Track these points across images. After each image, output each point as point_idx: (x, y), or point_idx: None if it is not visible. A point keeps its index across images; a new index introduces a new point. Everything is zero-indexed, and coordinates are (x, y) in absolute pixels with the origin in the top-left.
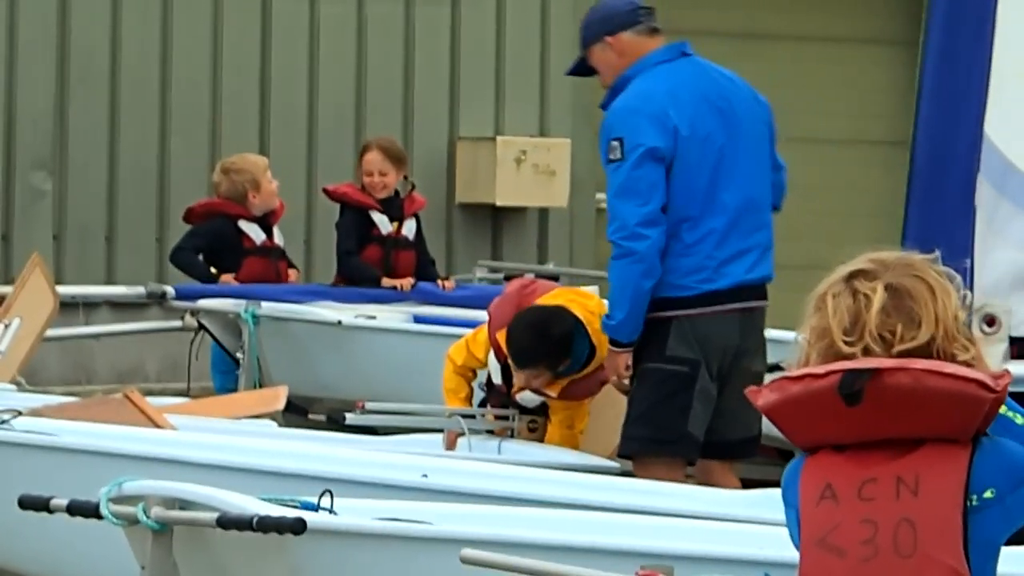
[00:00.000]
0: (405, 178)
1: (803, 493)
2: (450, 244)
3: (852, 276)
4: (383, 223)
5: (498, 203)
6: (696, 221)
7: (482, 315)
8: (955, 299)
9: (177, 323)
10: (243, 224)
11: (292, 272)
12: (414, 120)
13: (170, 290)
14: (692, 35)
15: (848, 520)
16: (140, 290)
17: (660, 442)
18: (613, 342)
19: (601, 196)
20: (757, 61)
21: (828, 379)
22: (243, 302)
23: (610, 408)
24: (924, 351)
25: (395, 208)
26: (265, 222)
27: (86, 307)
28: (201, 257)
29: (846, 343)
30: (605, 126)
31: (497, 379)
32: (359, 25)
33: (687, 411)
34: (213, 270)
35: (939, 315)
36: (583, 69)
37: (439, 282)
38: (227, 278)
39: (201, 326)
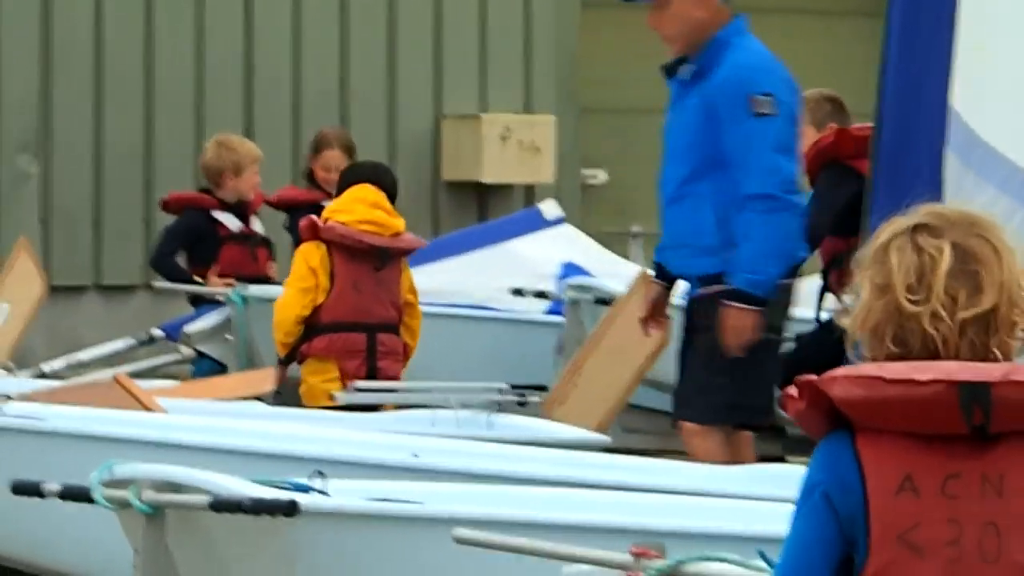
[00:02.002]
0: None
1: (872, 480)
2: (436, 222)
3: (915, 230)
4: None
5: (484, 180)
6: None
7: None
8: (1018, 261)
9: (175, 356)
10: (216, 214)
11: (270, 264)
12: (398, 99)
13: (158, 333)
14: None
15: (932, 518)
16: (131, 341)
17: (747, 410)
18: (749, 299)
19: (587, 172)
20: None
21: (934, 388)
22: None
23: (600, 381)
24: (985, 319)
25: None
26: (242, 211)
27: (73, 292)
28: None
29: (911, 301)
30: (742, 79)
31: None
32: (342, 4)
33: (773, 381)
34: (198, 278)
35: (1004, 280)
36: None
37: None
38: (214, 280)
39: (200, 353)
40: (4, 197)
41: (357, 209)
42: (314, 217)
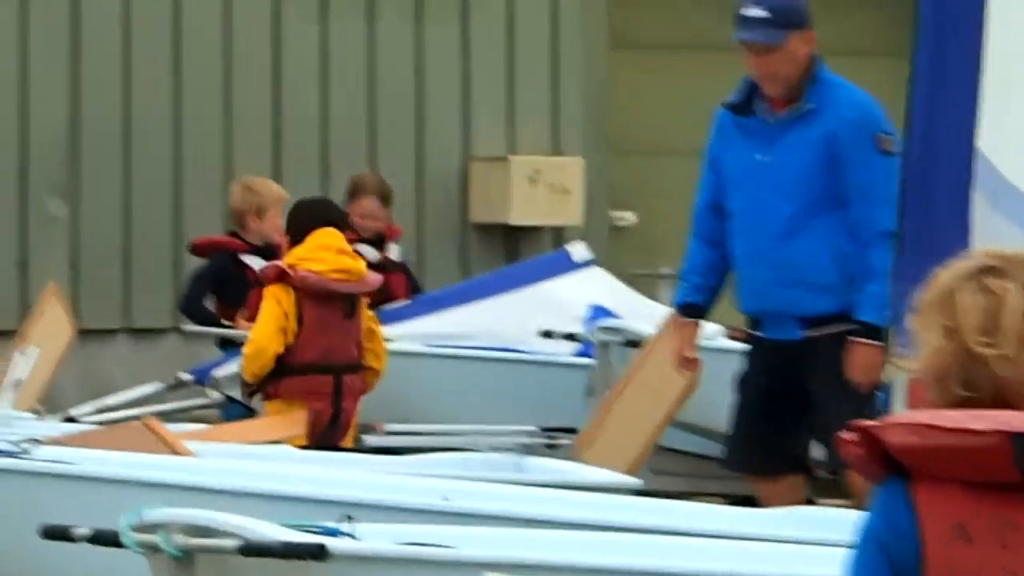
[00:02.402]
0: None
1: (927, 528)
2: (465, 265)
3: (981, 272)
4: (368, 252)
5: (512, 222)
6: None
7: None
8: None
9: (204, 400)
10: (244, 257)
11: None
12: (426, 141)
13: (187, 377)
14: (693, 48)
15: (986, 566)
16: (160, 385)
17: None
18: (878, 335)
19: (616, 213)
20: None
21: (990, 439)
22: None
23: (630, 423)
24: None
25: (374, 239)
26: (269, 254)
27: (102, 336)
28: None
29: (981, 344)
30: (866, 117)
31: None
32: (369, 45)
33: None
34: (226, 321)
35: None
36: (762, 42)
37: None
38: (243, 324)
39: (229, 398)
40: (33, 240)
41: (326, 258)
42: (281, 264)
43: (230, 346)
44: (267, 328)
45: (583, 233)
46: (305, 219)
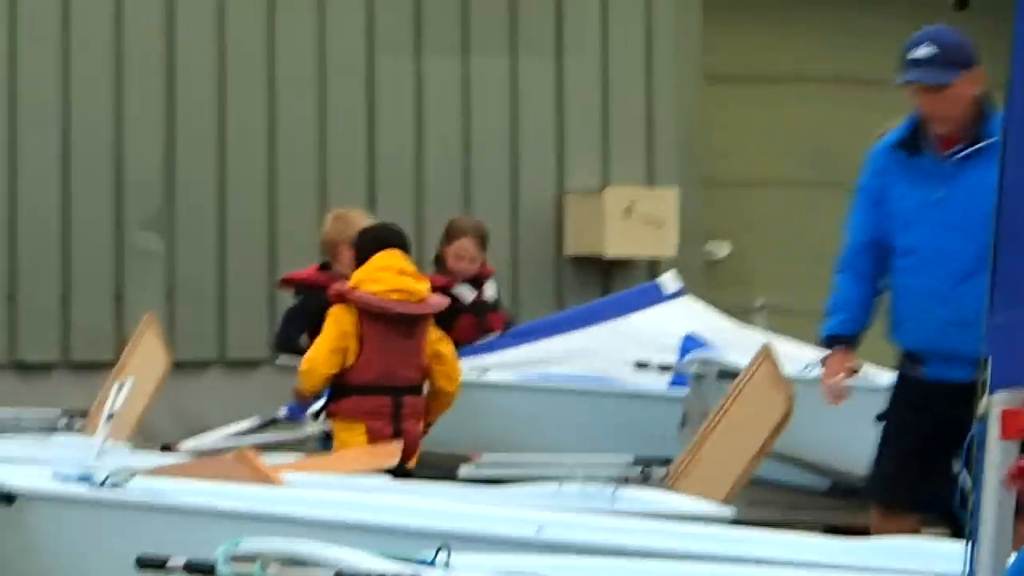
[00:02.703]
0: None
1: None
2: (560, 297)
3: None
4: (465, 293)
5: (607, 254)
6: None
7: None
8: None
9: (299, 434)
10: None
11: None
12: (521, 174)
13: (283, 412)
14: (784, 80)
15: None
16: (256, 420)
17: None
18: None
19: (711, 245)
20: (845, 105)
21: None
22: None
23: (725, 454)
24: None
25: (471, 279)
26: None
27: (198, 367)
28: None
29: None
30: None
31: None
32: (464, 79)
33: None
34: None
35: None
36: (930, 83)
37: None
38: None
39: (327, 434)
40: (130, 273)
41: (385, 278)
42: (342, 286)
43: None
44: (322, 350)
45: (677, 265)
46: (368, 242)
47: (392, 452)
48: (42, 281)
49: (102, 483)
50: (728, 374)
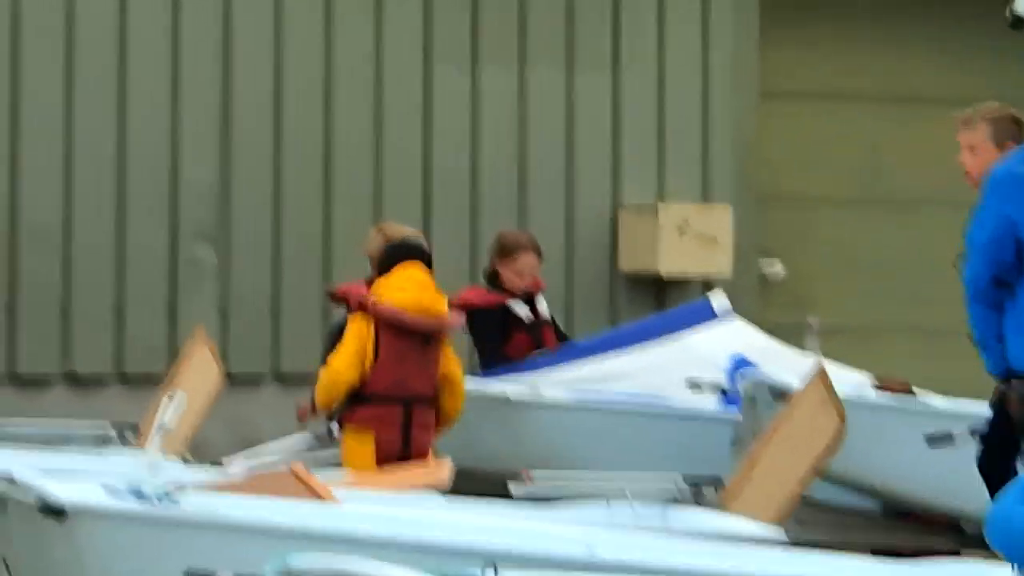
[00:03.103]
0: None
1: None
2: (614, 314)
3: None
4: (522, 310)
5: (661, 271)
6: None
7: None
8: None
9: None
10: None
11: None
12: (576, 190)
13: (335, 427)
14: (840, 97)
15: None
16: (309, 436)
17: None
18: None
19: (765, 262)
20: (901, 123)
21: None
22: None
23: (777, 474)
24: None
25: (525, 295)
26: None
27: (251, 381)
28: None
29: None
30: None
31: None
32: (520, 94)
33: None
34: None
35: None
36: None
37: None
38: None
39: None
40: (183, 286)
41: (408, 289)
42: (364, 295)
43: None
44: (344, 357)
45: (731, 283)
46: (390, 254)
47: (443, 470)
48: (96, 294)
49: (153, 498)
50: (780, 394)
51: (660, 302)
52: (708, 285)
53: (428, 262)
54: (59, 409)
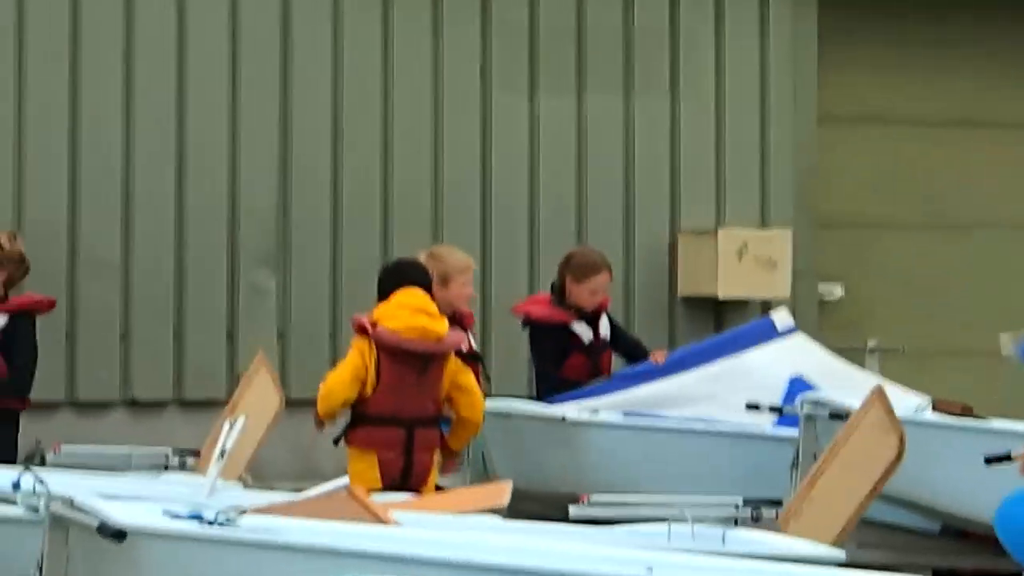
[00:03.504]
0: None
1: None
2: (672, 337)
3: None
4: (585, 332)
5: (720, 295)
6: None
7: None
8: None
9: None
10: None
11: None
12: (636, 213)
13: None
14: (899, 121)
15: None
16: None
17: None
18: None
19: (824, 287)
20: (959, 148)
21: None
22: None
23: (836, 496)
24: None
25: (588, 315)
26: (458, 324)
27: (310, 406)
28: None
29: None
30: None
31: None
32: (578, 119)
33: None
34: None
35: None
36: None
37: (651, 356)
38: None
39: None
40: (243, 311)
41: (402, 316)
42: (364, 319)
43: None
44: (342, 375)
45: (791, 306)
46: (389, 279)
47: (502, 491)
48: (156, 319)
49: (213, 521)
50: (839, 415)
51: (719, 326)
52: (766, 309)
53: (427, 285)
54: (119, 434)
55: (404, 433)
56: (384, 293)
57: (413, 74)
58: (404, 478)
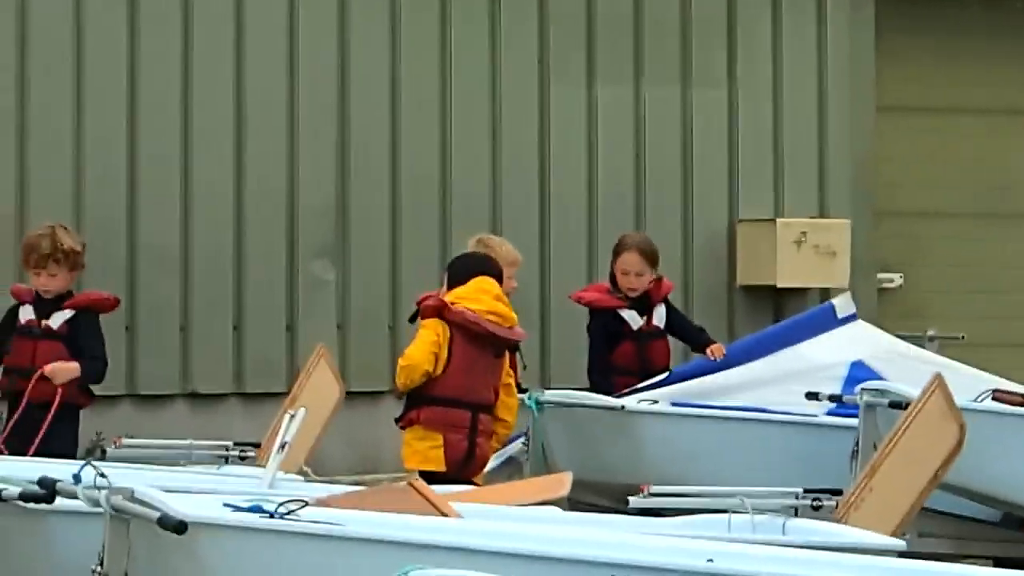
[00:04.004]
0: (659, 279)
1: None
2: (732, 326)
3: None
4: (633, 319)
5: (779, 284)
6: None
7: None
8: None
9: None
10: None
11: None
12: (694, 203)
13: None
14: (957, 111)
15: None
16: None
17: None
18: None
19: (883, 276)
20: (1018, 137)
21: None
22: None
23: (896, 485)
24: None
25: (643, 303)
26: None
27: (371, 398)
28: None
29: None
30: None
31: None
32: (637, 109)
33: None
34: None
35: None
36: None
37: (708, 350)
38: None
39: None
40: (302, 303)
41: (484, 299)
42: (441, 298)
43: None
44: (423, 348)
45: (850, 295)
46: (467, 265)
47: (562, 482)
48: (215, 312)
49: (273, 513)
50: (899, 404)
51: (778, 315)
52: (825, 298)
53: (499, 277)
54: (179, 427)
55: (470, 416)
56: (459, 280)
57: (471, 66)
58: (466, 461)
